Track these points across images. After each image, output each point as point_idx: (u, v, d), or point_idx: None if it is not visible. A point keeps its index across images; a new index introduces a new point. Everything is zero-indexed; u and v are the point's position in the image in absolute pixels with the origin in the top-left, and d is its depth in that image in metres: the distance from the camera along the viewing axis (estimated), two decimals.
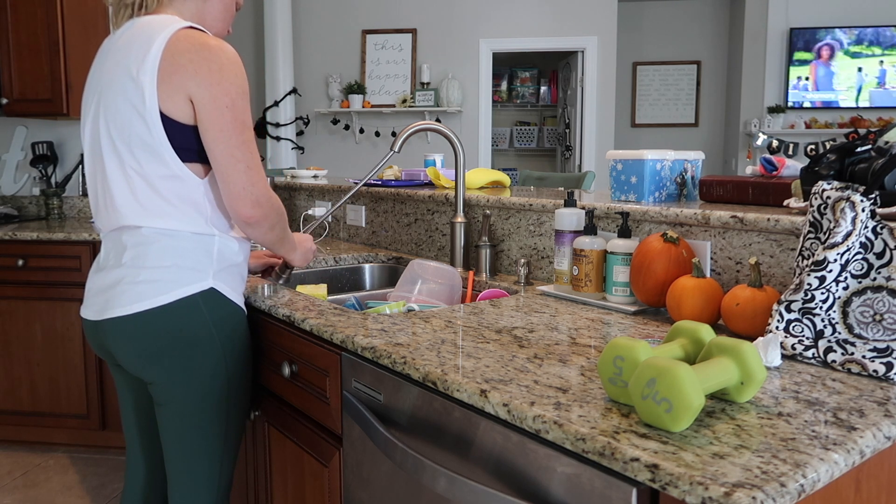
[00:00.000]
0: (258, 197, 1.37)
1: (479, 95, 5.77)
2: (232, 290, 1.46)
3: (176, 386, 1.40)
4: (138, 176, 1.35)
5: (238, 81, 1.34)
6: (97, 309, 1.40)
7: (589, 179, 2.85)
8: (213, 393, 1.43)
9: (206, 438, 1.44)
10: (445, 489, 0.99)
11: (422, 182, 2.46)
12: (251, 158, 1.36)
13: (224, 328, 1.43)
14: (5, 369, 3.13)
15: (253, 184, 1.36)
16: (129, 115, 1.32)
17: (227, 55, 1.34)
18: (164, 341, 1.37)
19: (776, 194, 1.47)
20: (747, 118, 6.38)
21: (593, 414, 0.86)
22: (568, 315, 1.39)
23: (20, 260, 3.04)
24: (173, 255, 1.37)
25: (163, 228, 1.37)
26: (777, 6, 6.17)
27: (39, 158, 3.65)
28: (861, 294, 1.05)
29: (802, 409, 0.87)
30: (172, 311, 1.37)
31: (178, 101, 1.31)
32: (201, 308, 1.39)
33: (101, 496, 2.69)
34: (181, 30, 1.33)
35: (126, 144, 1.34)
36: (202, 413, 1.43)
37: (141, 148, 1.33)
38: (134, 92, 1.31)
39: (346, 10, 5.83)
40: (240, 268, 1.49)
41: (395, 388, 1.17)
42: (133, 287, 1.37)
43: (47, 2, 3.27)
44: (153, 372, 1.41)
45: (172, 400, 1.42)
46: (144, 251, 1.37)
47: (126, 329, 1.38)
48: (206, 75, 1.30)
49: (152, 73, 1.30)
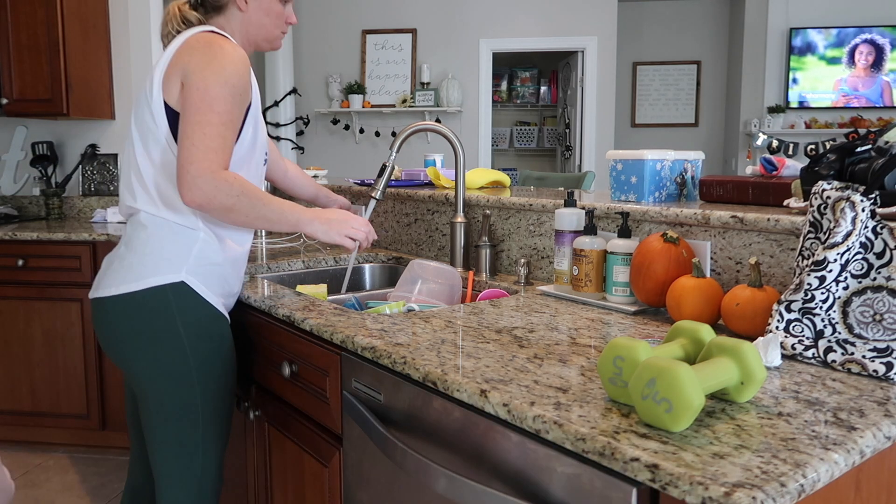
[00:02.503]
0: (194, 177, 1.30)
1: (479, 95, 5.77)
2: (207, 289, 1.44)
3: (143, 378, 1.41)
4: (145, 163, 1.42)
5: (224, 72, 1.35)
6: (93, 288, 1.47)
7: (589, 179, 2.85)
8: (182, 391, 1.42)
9: (179, 436, 1.43)
10: (445, 489, 0.99)
11: (422, 182, 2.46)
12: (199, 138, 1.31)
13: (193, 326, 1.42)
14: (5, 369, 3.13)
15: (190, 163, 1.30)
16: (143, 109, 1.42)
17: (226, 51, 1.37)
18: (131, 328, 1.39)
19: (776, 194, 1.47)
20: (747, 118, 6.38)
21: (593, 414, 0.86)
22: (568, 315, 1.39)
23: (20, 260, 3.04)
24: (155, 243, 1.40)
25: (154, 215, 1.42)
26: (777, 6, 6.18)
27: (39, 158, 3.65)
28: (861, 294, 1.05)
29: (802, 409, 0.87)
30: (142, 298, 1.38)
31: (175, 90, 1.37)
32: (170, 301, 1.39)
33: (101, 496, 2.69)
34: (200, 32, 1.41)
35: (140, 134, 1.42)
36: (173, 410, 1.42)
37: (149, 137, 1.41)
38: (148, 87, 1.40)
39: (346, 10, 5.83)
40: (220, 268, 1.47)
41: (395, 388, 1.17)
42: (119, 270, 1.41)
43: (47, 2, 3.26)
44: (121, 359, 1.43)
45: (143, 393, 1.42)
46: (136, 235, 1.43)
47: (103, 311, 1.42)
48: (196, 63, 1.35)
49: (162, 68, 1.39)
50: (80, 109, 3.39)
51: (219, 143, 1.34)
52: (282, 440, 1.60)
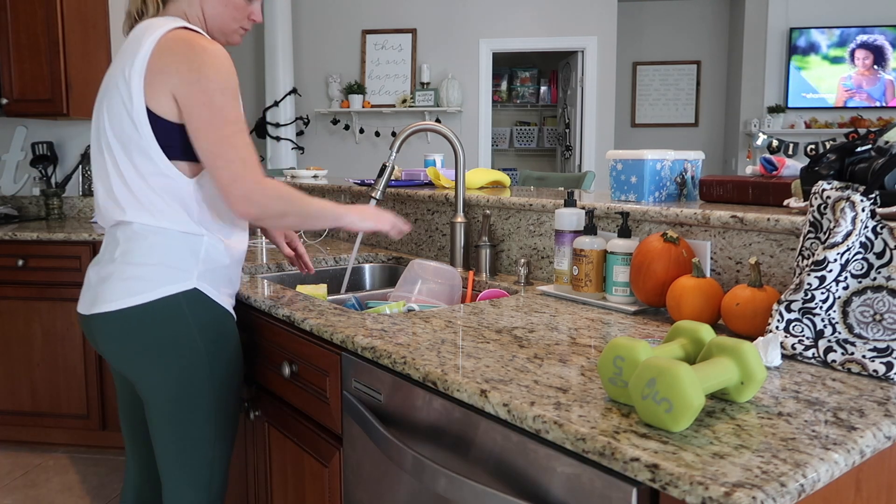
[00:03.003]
0: (246, 193, 1.33)
1: (479, 95, 5.77)
2: (217, 291, 1.44)
3: (159, 387, 1.40)
4: (130, 173, 1.37)
5: (219, 78, 1.32)
6: (87, 304, 1.42)
7: (589, 179, 2.85)
8: (197, 395, 1.42)
9: (192, 440, 1.43)
10: (445, 489, 0.99)
11: (422, 182, 2.46)
12: (232, 153, 1.32)
13: (207, 330, 1.42)
14: (5, 369, 3.13)
15: (235, 180, 1.32)
16: (121, 114, 1.36)
17: (210, 53, 1.32)
18: (145, 340, 1.37)
19: (776, 194, 1.47)
20: (747, 118, 6.38)
21: (593, 414, 0.86)
22: (568, 315, 1.39)
23: (20, 260, 3.04)
24: (160, 253, 1.38)
25: (152, 225, 1.38)
26: (777, 6, 6.18)
27: (39, 158, 3.65)
28: (861, 294, 1.05)
29: (802, 409, 0.87)
30: (154, 309, 1.37)
31: (164, 99, 1.33)
32: (184, 308, 1.38)
33: (101, 496, 2.69)
34: (172, 30, 1.35)
35: (119, 142, 1.37)
36: (187, 415, 1.42)
37: (132, 146, 1.36)
38: (125, 91, 1.34)
39: (346, 10, 5.83)
40: (227, 270, 1.47)
41: (395, 388, 1.17)
42: (120, 283, 1.38)
43: (47, 2, 3.26)
44: (135, 371, 1.41)
45: (157, 400, 1.41)
46: (134, 247, 1.39)
47: (109, 325, 1.39)
48: (185, 73, 1.31)
49: (140, 72, 1.33)
50: (80, 109, 3.39)
51: (248, 150, 1.34)
52: (282, 440, 1.60)
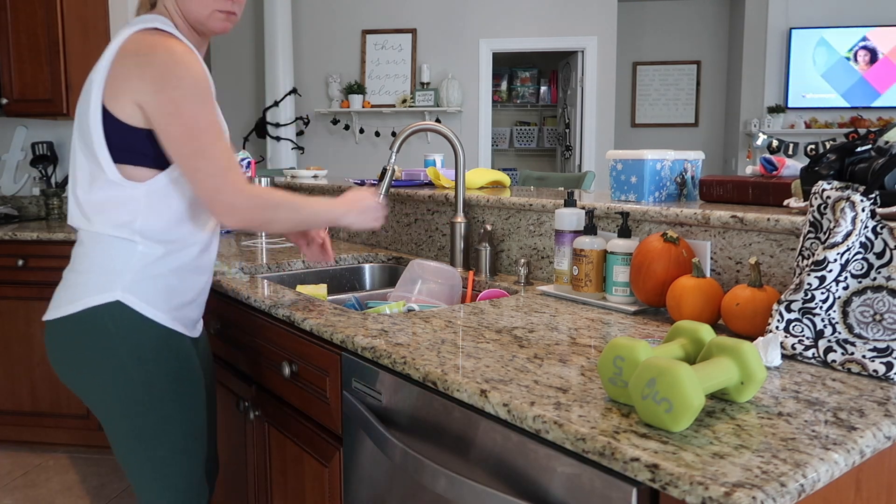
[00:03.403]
0: (230, 204, 1.28)
1: (479, 95, 5.76)
2: (149, 305, 1.33)
3: (92, 403, 1.35)
4: (84, 177, 1.32)
5: (185, 83, 1.24)
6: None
7: (589, 179, 2.85)
8: (130, 414, 1.33)
9: (141, 454, 1.37)
10: (445, 489, 0.99)
11: (422, 182, 2.46)
12: (210, 166, 1.26)
13: (135, 347, 1.32)
14: (5, 369, 3.13)
15: (217, 192, 1.27)
16: (84, 116, 1.31)
17: (174, 57, 1.25)
18: (74, 354, 1.32)
19: (776, 194, 1.47)
20: (747, 118, 6.38)
21: (593, 414, 0.86)
22: (568, 315, 1.39)
23: (20, 260, 3.04)
24: (90, 260, 1.33)
25: (89, 231, 1.33)
26: (777, 6, 6.17)
27: (39, 158, 3.65)
28: (861, 294, 1.05)
29: (802, 409, 0.87)
30: (76, 321, 1.30)
31: (127, 105, 1.26)
32: (106, 323, 1.30)
33: (101, 496, 2.69)
34: (137, 32, 1.29)
35: (82, 143, 1.32)
36: (128, 433, 1.35)
37: (89, 147, 1.30)
38: (88, 95, 1.30)
39: (346, 10, 5.83)
40: (164, 280, 1.35)
41: (395, 388, 1.17)
42: (61, 291, 1.36)
43: (47, 2, 3.27)
44: (74, 386, 1.36)
45: (101, 418, 1.36)
46: (76, 252, 1.36)
47: (48, 335, 1.36)
48: (149, 82, 1.24)
49: (102, 76, 1.28)
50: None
51: (226, 157, 1.28)
52: (282, 440, 1.60)
